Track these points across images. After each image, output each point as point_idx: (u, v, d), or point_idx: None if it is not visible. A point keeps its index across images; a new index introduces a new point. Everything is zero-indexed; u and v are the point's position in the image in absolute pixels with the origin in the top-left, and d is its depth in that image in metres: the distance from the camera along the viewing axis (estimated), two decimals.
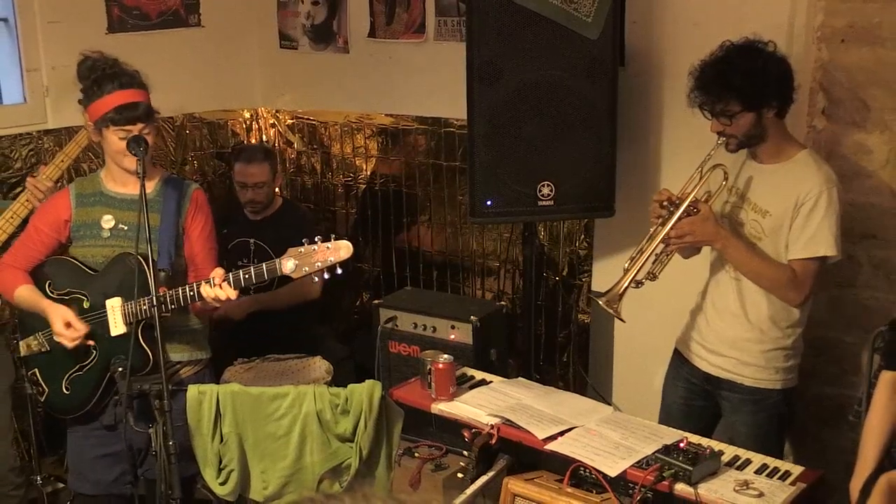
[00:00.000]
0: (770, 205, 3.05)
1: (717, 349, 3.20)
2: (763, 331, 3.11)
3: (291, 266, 2.97)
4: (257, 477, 3.15)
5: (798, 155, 3.06)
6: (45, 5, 4.32)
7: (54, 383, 3.27)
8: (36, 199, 3.50)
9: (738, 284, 3.14)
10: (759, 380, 3.14)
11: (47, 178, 3.53)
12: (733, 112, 2.95)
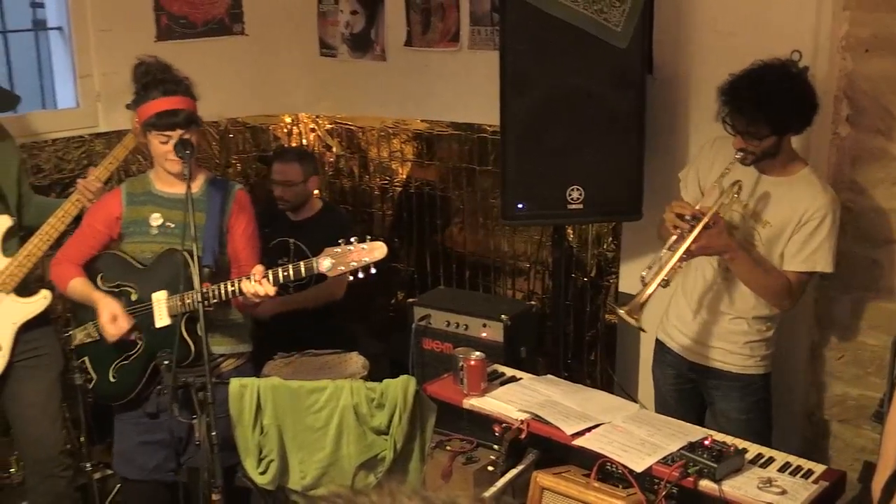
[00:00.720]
0: (771, 216, 3.08)
1: (704, 341, 3.27)
2: (749, 324, 3.21)
3: (328, 265, 2.98)
4: (295, 467, 3.16)
5: (801, 171, 3.10)
6: (97, 15, 4.36)
7: (102, 371, 3.32)
8: (86, 199, 3.54)
9: (726, 284, 3.20)
10: (746, 366, 3.23)
11: (96, 179, 3.57)
12: (763, 135, 2.96)
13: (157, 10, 4.55)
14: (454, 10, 4.41)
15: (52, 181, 4.21)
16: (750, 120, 2.95)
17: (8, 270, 3.48)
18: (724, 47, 3.54)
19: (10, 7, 4.39)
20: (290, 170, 4.37)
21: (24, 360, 3.59)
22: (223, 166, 4.85)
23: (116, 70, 4.20)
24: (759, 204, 3.11)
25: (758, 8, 3.51)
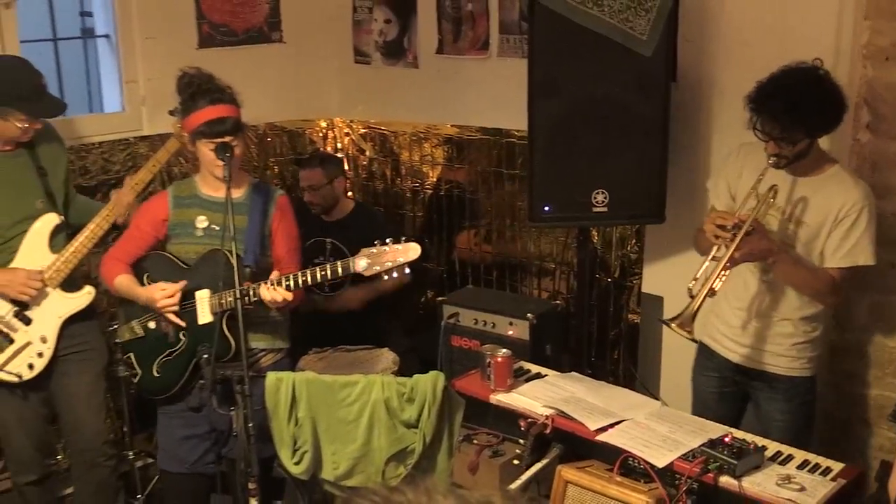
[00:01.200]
0: (806, 215, 3.02)
1: (750, 343, 3.18)
2: (795, 325, 3.11)
3: (364, 265, 2.99)
4: (328, 458, 3.17)
5: (831, 169, 3.03)
6: (142, 23, 4.39)
7: (146, 367, 3.35)
8: (118, 211, 3.56)
9: (769, 286, 3.12)
10: (792, 369, 3.14)
11: (130, 190, 3.58)
12: (797, 140, 2.91)
13: (200, 19, 4.58)
14: (484, 19, 4.41)
15: (98, 182, 4.25)
16: (784, 126, 2.88)
17: (55, 266, 3.52)
18: (746, 55, 3.51)
19: (60, 16, 4.44)
20: (314, 174, 4.39)
21: (70, 353, 3.63)
22: (261, 169, 4.88)
23: (160, 76, 4.24)
24: (794, 205, 3.05)
25: (780, 17, 3.47)
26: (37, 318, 3.55)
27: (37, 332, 3.55)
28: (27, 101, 3.36)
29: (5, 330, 3.51)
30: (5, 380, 3.52)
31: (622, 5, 3.47)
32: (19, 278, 3.45)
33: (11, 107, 3.33)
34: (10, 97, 3.33)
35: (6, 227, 3.48)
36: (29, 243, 3.52)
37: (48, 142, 3.60)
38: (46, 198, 3.56)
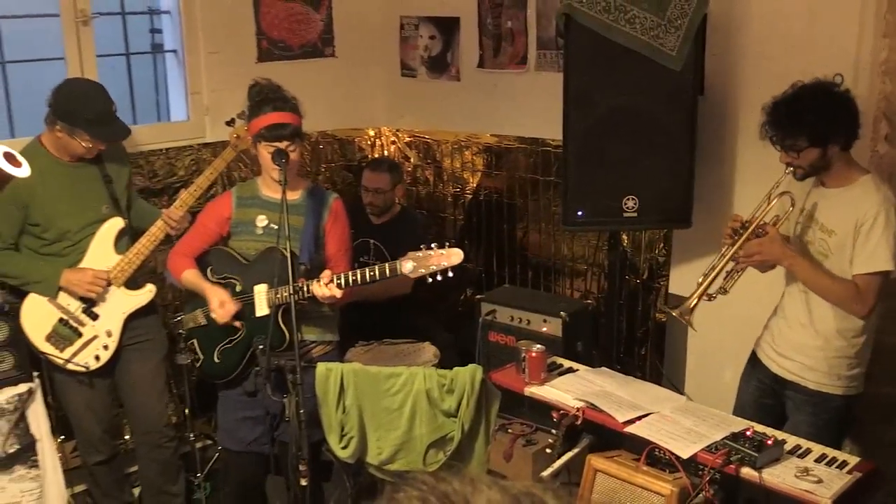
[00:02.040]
0: (835, 225, 2.93)
1: (786, 353, 3.09)
2: (828, 340, 2.98)
3: (410, 267, 2.99)
4: (373, 444, 3.18)
5: (861, 179, 2.93)
6: (207, 39, 4.44)
7: (208, 353, 3.39)
8: (168, 226, 3.59)
9: (806, 297, 3.02)
10: (822, 384, 3.01)
11: (178, 208, 3.61)
12: (801, 147, 2.86)
13: (259, 35, 4.62)
14: (523, 36, 4.41)
15: (164, 185, 4.30)
16: (786, 133, 2.86)
17: (119, 266, 3.57)
18: (770, 70, 3.48)
19: (132, 33, 4.50)
20: (381, 179, 4.41)
21: (133, 344, 3.68)
22: (314, 174, 4.91)
23: (222, 87, 4.30)
24: (823, 214, 2.98)
25: (803, 34, 3.43)
26: (103, 313, 3.60)
27: (103, 327, 3.61)
28: (94, 125, 3.41)
29: (74, 324, 3.57)
30: (74, 370, 3.58)
31: (653, 23, 3.45)
32: (87, 278, 3.51)
33: (80, 127, 3.38)
34: (79, 119, 3.37)
35: (75, 230, 3.53)
36: (96, 245, 3.57)
37: (113, 150, 3.65)
38: (111, 203, 3.61)
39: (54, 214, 3.49)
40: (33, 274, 3.51)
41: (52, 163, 3.48)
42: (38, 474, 3.59)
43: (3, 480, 3.52)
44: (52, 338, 3.54)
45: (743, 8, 3.62)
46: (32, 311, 3.53)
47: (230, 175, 4.52)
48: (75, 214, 3.53)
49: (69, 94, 3.42)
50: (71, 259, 3.54)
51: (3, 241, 3.49)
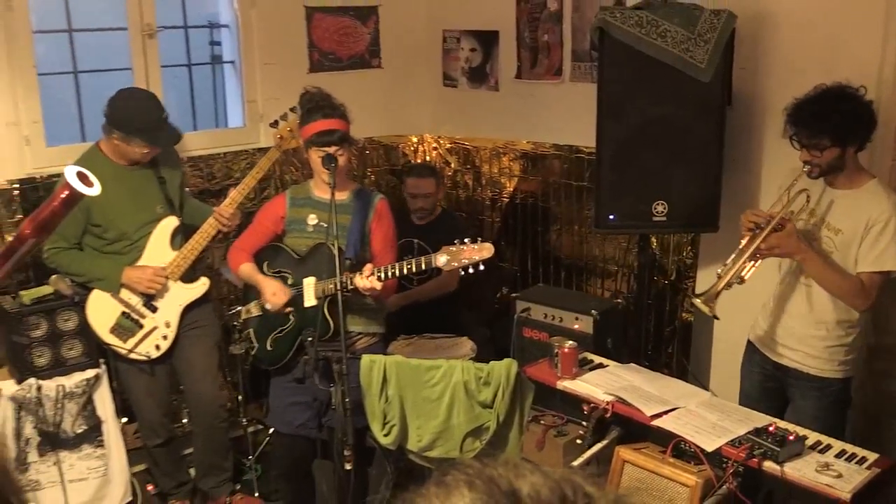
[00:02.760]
0: (843, 224, 2.94)
1: (788, 343, 3.11)
2: (828, 330, 3.02)
3: (444, 260, 3.00)
4: (414, 432, 3.19)
5: (868, 183, 2.95)
6: (262, 51, 4.49)
7: (262, 341, 3.43)
8: (220, 223, 3.65)
9: (808, 290, 3.04)
10: (824, 370, 3.05)
11: (229, 205, 3.66)
12: (824, 146, 2.85)
13: (311, 48, 4.66)
14: (558, 49, 4.40)
15: (222, 186, 4.35)
16: (811, 132, 2.84)
17: (175, 262, 3.63)
18: (795, 81, 3.42)
19: (194, 45, 4.57)
20: (427, 184, 4.43)
21: (188, 331, 3.74)
22: (360, 177, 4.94)
23: (276, 96, 4.34)
24: (831, 214, 2.98)
25: (827, 48, 3.39)
26: (161, 306, 3.66)
27: (162, 318, 3.66)
28: (148, 132, 3.46)
29: (136, 317, 3.63)
30: (137, 359, 3.65)
31: (683, 36, 3.43)
32: (147, 275, 3.57)
33: (135, 135, 3.45)
34: (134, 127, 3.43)
35: (133, 230, 3.59)
36: (153, 243, 3.63)
37: (166, 154, 3.70)
38: (166, 203, 3.66)
39: (113, 216, 3.55)
40: (96, 271, 3.58)
41: (110, 167, 3.54)
42: (103, 453, 3.66)
43: (72, 458, 3.59)
44: (115, 330, 3.61)
45: (769, 23, 3.58)
46: (97, 306, 3.60)
47: (283, 177, 4.57)
48: (133, 215, 3.58)
49: (123, 105, 3.47)
50: (130, 257, 3.60)
51: (67, 241, 3.56)
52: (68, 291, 3.52)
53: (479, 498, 0.64)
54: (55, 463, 3.53)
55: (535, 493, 0.64)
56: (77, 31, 4.08)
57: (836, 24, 3.38)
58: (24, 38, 3.76)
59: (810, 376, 3.07)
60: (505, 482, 0.65)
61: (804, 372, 3.08)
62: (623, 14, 3.49)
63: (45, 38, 3.96)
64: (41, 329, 3.51)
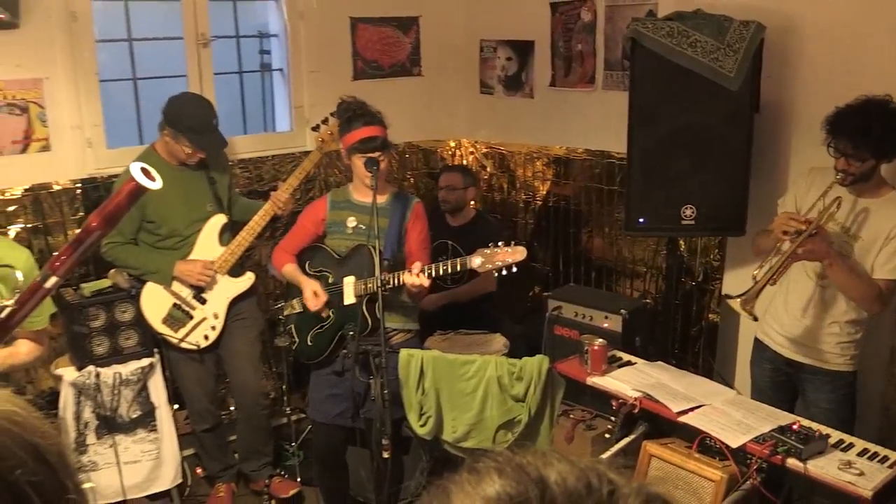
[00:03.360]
0: (862, 232, 2.93)
1: (802, 341, 3.11)
2: (841, 328, 3.04)
3: (478, 262, 3.00)
4: (448, 423, 3.21)
5: (890, 194, 2.95)
6: (309, 59, 4.53)
7: (303, 336, 3.46)
8: (276, 207, 3.71)
9: (822, 291, 3.05)
10: (836, 364, 3.07)
11: (284, 191, 3.73)
12: (864, 158, 2.83)
13: (355, 56, 4.70)
14: (591, 58, 4.38)
15: (270, 188, 4.37)
16: (856, 144, 2.82)
17: (223, 257, 3.68)
18: (821, 90, 3.39)
19: (245, 54, 4.62)
20: (454, 177, 4.45)
21: (234, 322, 3.79)
22: (400, 180, 4.97)
23: (322, 102, 4.37)
24: (853, 221, 2.97)
25: (853, 58, 3.34)
26: (210, 298, 3.71)
27: (210, 310, 3.72)
28: (195, 133, 3.52)
29: (186, 308, 3.69)
30: (187, 348, 3.70)
31: (713, 46, 3.40)
32: (197, 268, 3.62)
33: (182, 134, 3.50)
34: (184, 126, 3.49)
35: (183, 227, 3.65)
36: (203, 239, 3.69)
37: (216, 156, 3.77)
38: (215, 202, 3.72)
39: (166, 213, 3.61)
40: (150, 265, 3.64)
41: (164, 166, 3.59)
42: (156, 437, 3.71)
43: (127, 441, 3.66)
44: (167, 320, 3.67)
45: (796, 34, 3.53)
46: (151, 298, 3.66)
47: (327, 179, 4.60)
48: (184, 213, 3.64)
49: (179, 104, 3.55)
50: (182, 252, 3.66)
51: (124, 237, 3.63)
52: (126, 284, 3.59)
53: (508, 484, 0.64)
54: (111, 445, 3.60)
55: (562, 481, 0.64)
56: (136, 41, 4.15)
57: (861, 35, 3.33)
58: (88, 47, 3.83)
59: (824, 370, 3.08)
60: (533, 470, 0.65)
61: (818, 367, 3.09)
62: (655, 25, 3.47)
63: (107, 46, 4.03)
64: (100, 320, 3.58)
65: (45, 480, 0.81)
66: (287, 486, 3.98)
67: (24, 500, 0.78)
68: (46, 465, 0.82)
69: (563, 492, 0.63)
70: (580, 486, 0.64)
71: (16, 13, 3.57)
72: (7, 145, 3.70)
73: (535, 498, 0.62)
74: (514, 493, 0.63)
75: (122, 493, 3.61)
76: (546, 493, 0.62)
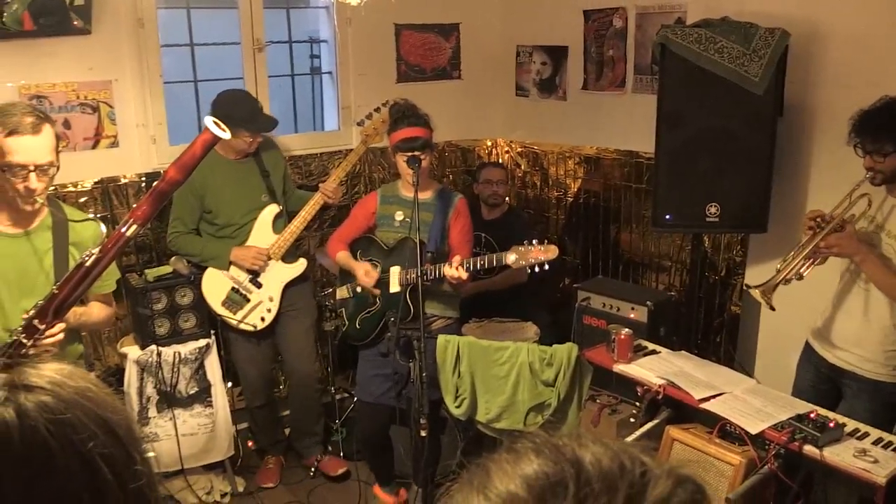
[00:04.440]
0: None
1: (844, 346, 2.94)
2: (886, 334, 2.82)
3: (513, 258, 3.00)
4: (482, 405, 3.22)
5: None
6: (356, 63, 4.55)
7: (352, 320, 3.50)
8: (325, 196, 3.75)
9: (866, 294, 2.86)
10: (879, 374, 2.86)
11: (332, 181, 3.77)
12: (887, 152, 2.70)
13: (398, 60, 4.71)
14: (622, 63, 4.34)
15: (318, 182, 4.42)
16: (875, 137, 2.71)
17: (277, 244, 3.72)
18: (843, 95, 3.32)
19: (297, 58, 4.65)
20: (498, 172, 4.45)
21: (289, 311, 3.82)
22: (439, 177, 4.97)
23: (367, 103, 4.38)
24: (891, 220, 2.81)
25: (875, 64, 3.27)
26: (266, 283, 3.75)
27: (266, 294, 3.76)
28: (249, 122, 3.57)
29: (244, 292, 3.74)
30: (244, 329, 3.75)
31: (739, 52, 3.35)
32: (252, 253, 3.67)
33: (239, 127, 3.54)
34: (237, 120, 3.53)
35: (240, 216, 3.70)
36: (258, 227, 3.73)
37: (269, 150, 3.81)
38: (268, 193, 3.76)
39: (223, 203, 3.66)
40: (209, 252, 3.70)
41: (221, 161, 3.65)
42: (211, 412, 3.78)
43: (185, 415, 3.73)
44: (226, 303, 3.72)
45: (820, 41, 3.47)
46: (211, 282, 3.72)
47: (371, 176, 4.63)
48: (239, 203, 3.70)
49: (226, 102, 3.59)
50: (238, 240, 3.71)
51: (186, 227, 3.69)
52: (185, 271, 3.65)
53: (545, 464, 0.64)
54: (171, 419, 3.67)
55: (597, 462, 0.64)
56: (197, 46, 4.21)
57: (883, 42, 3.25)
58: (153, 52, 3.89)
59: (865, 379, 2.88)
60: (569, 451, 0.65)
61: (859, 375, 2.89)
62: (683, 31, 3.42)
63: (170, 51, 4.09)
64: (162, 303, 3.65)
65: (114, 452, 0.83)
66: (336, 465, 4.02)
67: (95, 470, 0.80)
68: (116, 438, 0.84)
69: (597, 472, 0.63)
70: (614, 467, 0.64)
71: (88, 20, 3.65)
72: (80, 142, 3.78)
73: (570, 477, 0.62)
74: (551, 473, 0.63)
75: (180, 462, 3.68)
76: (581, 474, 0.63)
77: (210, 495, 3.81)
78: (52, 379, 0.85)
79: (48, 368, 0.87)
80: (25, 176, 2.29)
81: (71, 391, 0.85)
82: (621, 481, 0.62)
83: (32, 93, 3.62)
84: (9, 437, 0.78)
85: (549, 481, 0.63)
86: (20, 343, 2.17)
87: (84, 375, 0.89)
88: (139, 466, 0.85)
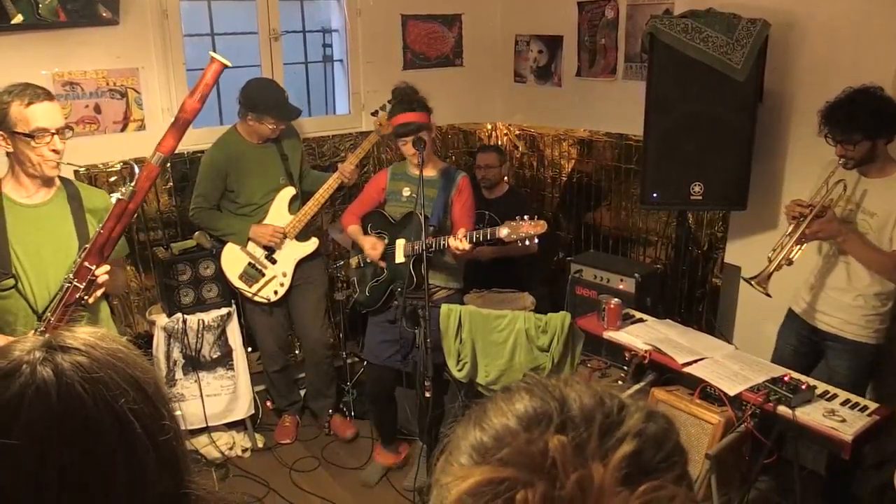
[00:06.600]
0: (877, 208, 2.80)
1: (828, 311, 2.97)
2: (866, 300, 2.88)
3: (506, 232, 3.00)
4: (482, 369, 3.23)
5: None
6: (365, 51, 4.52)
7: (362, 288, 3.50)
8: (343, 177, 3.74)
9: (847, 266, 2.90)
10: (860, 335, 2.91)
11: (350, 164, 3.76)
12: (856, 141, 2.72)
13: (405, 48, 4.67)
14: (614, 51, 4.30)
15: (330, 163, 4.43)
16: (843, 128, 2.72)
17: (292, 223, 3.72)
18: (819, 82, 3.30)
19: (310, 46, 4.62)
20: (490, 157, 4.41)
21: (301, 283, 3.82)
22: (442, 157, 4.95)
23: (376, 89, 4.37)
24: (866, 200, 2.83)
25: (848, 54, 3.24)
26: (280, 259, 3.75)
27: (280, 269, 3.76)
28: (276, 109, 3.54)
29: (259, 267, 3.74)
30: (259, 301, 3.76)
31: (723, 41, 3.32)
32: (269, 231, 3.67)
33: (266, 114, 3.52)
34: (265, 107, 3.51)
35: (260, 196, 3.69)
36: (275, 208, 3.72)
37: (288, 136, 3.78)
38: (286, 176, 3.75)
39: (244, 184, 3.65)
40: (229, 228, 3.69)
41: (244, 145, 3.64)
42: (233, 375, 3.80)
43: (209, 378, 3.75)
44: (243, 276, 3.73)
45: (798, 31, 3.43)
46: (229, 256, 3.72)
47: (380, 157, 4.61)
48: (259, 184, 3.68)
49: (254, 91, 3.56)
50: (256, 218, 3.70)
51: (208, 203, 3.68)
52: (208, 245, 3.66)
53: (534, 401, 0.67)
54: (196, 381, 3.70)
55: (579, 398, 0.67)
56: (217, 35, 4.18)
57: (857, 33, 3.22)
58: (177, 41, 3.87)
59: (847, 340, 2.92)
60: (556, 390, 0.68)
61: (842, 336, 2.93)
62: (671, 22, 3.39)
63: (193, 40, 4.06)
64: (187, 274, 3.66)
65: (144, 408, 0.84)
66: (346, 427, 4.04)
67: (126, 424, 0.81)
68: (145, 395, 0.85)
69: (579, 406, 0.66)
70: (594, 402, 0.66)
71: (116, 12, 3.62)
72: (110, 125, 3.77)
73: (555, 410, 0.65)
74: (538, 407, 0.66)
75: (205, 420, 3.72)
76: (564, 407, 0.66)
77: (232, 450, 3.85)
78: (86, 341, 0.86)
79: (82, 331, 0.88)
80: (50, 139, 2.29)
81: (103, 352, 0.85)
82: (598, 413, 0.65)
83: (65, 79, 3.60)
84: (47, 394, 0.79)
85: (535, 413, 0.65)
86: (74, 287, 2.21)
87: (115, 338, 0.90)
88: (167, 422, 0.86)
